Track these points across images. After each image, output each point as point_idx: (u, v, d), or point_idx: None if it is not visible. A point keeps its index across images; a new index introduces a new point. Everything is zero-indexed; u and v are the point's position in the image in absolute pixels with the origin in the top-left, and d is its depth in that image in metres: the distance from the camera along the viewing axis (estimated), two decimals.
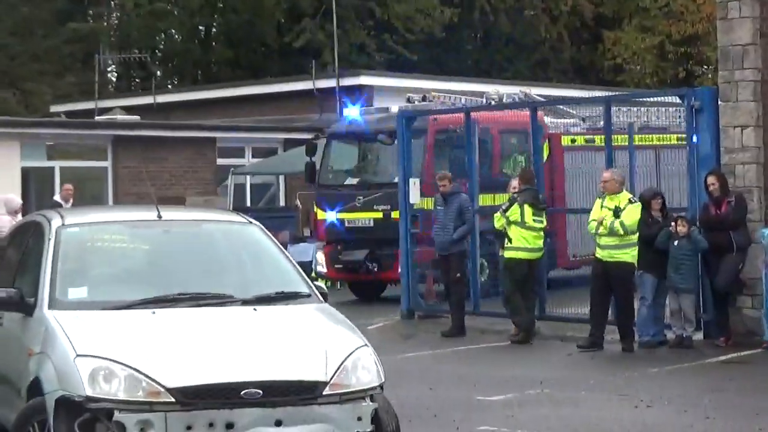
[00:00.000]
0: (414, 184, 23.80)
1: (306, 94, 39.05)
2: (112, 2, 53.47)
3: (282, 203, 36.65)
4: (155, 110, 40.10)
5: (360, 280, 28.22)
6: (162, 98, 42.22)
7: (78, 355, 9.63)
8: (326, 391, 9.66)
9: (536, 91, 37.80)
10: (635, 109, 29.29)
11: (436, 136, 26.58)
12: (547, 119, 28.05)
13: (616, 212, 18.79)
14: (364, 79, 38.85)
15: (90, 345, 9.74)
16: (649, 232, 18.90)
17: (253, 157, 37.12)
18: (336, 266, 27.87)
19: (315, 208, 28.89)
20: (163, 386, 9.37)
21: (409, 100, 28.11)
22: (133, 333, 9.95)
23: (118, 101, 41.94)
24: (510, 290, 20.35)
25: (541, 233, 20.36)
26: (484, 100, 29.18)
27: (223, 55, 52.12)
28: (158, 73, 52.95)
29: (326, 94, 38.42)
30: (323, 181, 28.61)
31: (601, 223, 18.87)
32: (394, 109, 27.95)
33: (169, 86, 47.90)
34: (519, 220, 20.02)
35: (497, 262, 22.10)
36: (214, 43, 54.13)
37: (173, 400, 9.35)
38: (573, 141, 28.61)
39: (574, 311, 20.94)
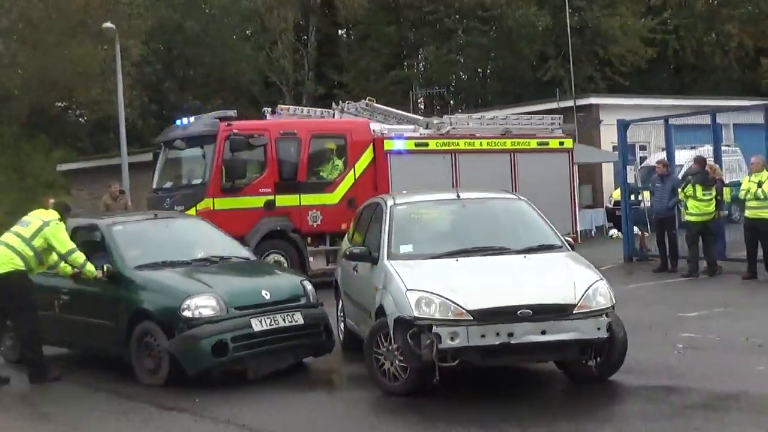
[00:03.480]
0: (630, 170, 23.37)
1: (552, 112, 38.51)
2: (419, 55, 53.90)
3: None
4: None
5: None
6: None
7: (408, 290, 9.82)
8: (575, 311, 9.62)
9: (687, 103, 36.32)
10: None
11: (225, 142, 19.92)
12: (378, 125, 22.71)
13: (759, 184, 18.36)
14: (593, 99, 38.24)
15: (415, 282, 9.91)
16: None
17: None
18: None
19: None
20: (464, 309, 9.47)
21: (263, 111, 23.85)
22: (443, 274, 10.07)
23: None
24: (690, 242, 19.84)
25: (710, 203, 19.58)
26: (332, 111, 24.53)
27: (495, 87, 52.13)
28: (451, 102, 53.16)
29: (566, 110, 37.98)
30: (155, 185, 21.86)
31: (747, 191, 18.52)
32: (205, 118, 21.48)
33: (460, 111, 47.90)
34: (692, 194, 19.57)
35: None
36: (488, 80, 54.09)
37: (472, 318, 9.43)
38: (399, 145, 22.16)
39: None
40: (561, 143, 24.48)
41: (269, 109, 24.22)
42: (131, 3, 36.67)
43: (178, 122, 22.08)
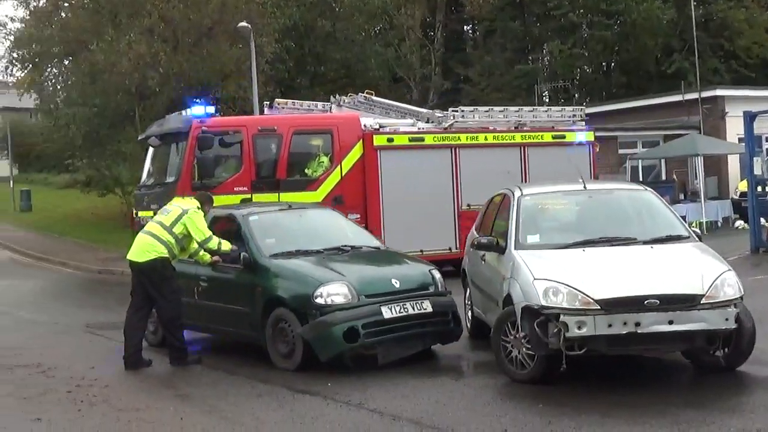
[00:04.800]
0: (757, 162, 22.74)
1: (676, 104, 37.91)
2: (544, 49, 53.37)
3: (663, 177, 35.60)
4: None
5: None
6: None
7: (535, 279, 9.75)
8: (703, 301, 9.41)
9: None
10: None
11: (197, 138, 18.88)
12: (370, 120, 21.34)
13: None
14: (719, 92, 37.37)
15: (543, 272, 9.82)
16: None
17: (642, 147, 36.30)
18: None
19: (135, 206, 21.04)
20: (592, 298, 9.35)
21: (263, 105, 22.73)
22: (570, 264, 9.94)
23: None
24: None
25: None
26: (330, 104, 23.24)
27: (619, 80, 51.34)
28: (576, 95, 52.53)
29: (691, 103, 37.21)
30: (141, 181, 21.19)
31: None
32: (184, 114, 20.03)
33: (584, 104, 47.42)
34: None
35: None
36: (612, 74, 53.30)
37: (599, 307, 9.31)
38: (390, 140, 20.79)
39: None
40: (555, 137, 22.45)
41: (267, 102, 23.36)
42: (265, 3, 37.07)
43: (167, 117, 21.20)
